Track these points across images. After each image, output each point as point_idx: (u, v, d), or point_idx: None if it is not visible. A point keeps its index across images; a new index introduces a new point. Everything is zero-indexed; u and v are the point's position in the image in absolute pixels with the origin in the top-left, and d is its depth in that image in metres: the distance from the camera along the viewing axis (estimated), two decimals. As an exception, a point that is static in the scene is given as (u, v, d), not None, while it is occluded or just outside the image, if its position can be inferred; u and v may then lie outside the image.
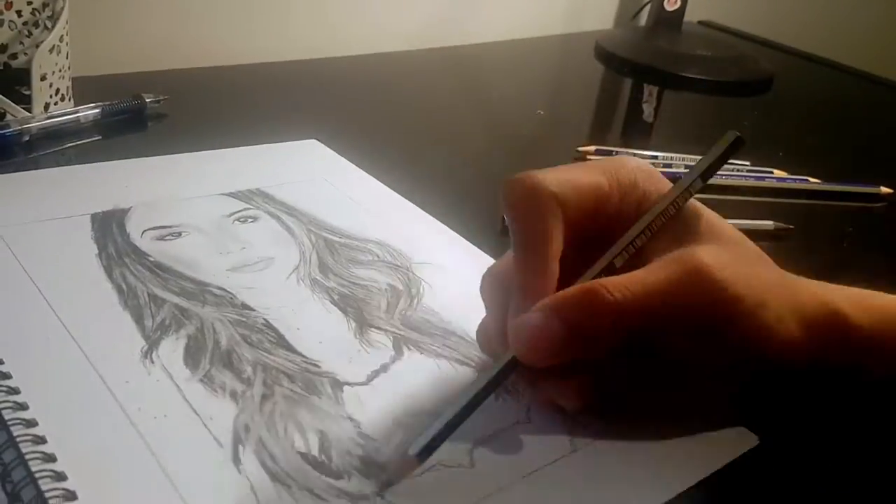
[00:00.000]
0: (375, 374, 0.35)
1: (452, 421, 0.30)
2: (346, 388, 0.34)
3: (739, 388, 0.34)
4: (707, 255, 0.31)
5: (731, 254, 0.32)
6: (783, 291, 0.33)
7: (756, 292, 0.31)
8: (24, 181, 0.48)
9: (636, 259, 0.33)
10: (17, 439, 0.29)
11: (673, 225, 0.33)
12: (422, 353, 0.37)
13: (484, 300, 0.35)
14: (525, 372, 0.32)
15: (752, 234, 0.53)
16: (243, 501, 0.28)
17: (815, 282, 0.35)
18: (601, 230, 0.34)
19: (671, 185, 0.35)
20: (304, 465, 0.30)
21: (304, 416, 0.32)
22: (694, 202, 0.35)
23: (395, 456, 0.30)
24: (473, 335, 0.38)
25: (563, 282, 0.32)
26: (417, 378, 0.36)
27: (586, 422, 0.34)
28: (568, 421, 0.34)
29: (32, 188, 0.47)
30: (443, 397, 0.35)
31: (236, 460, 0.30)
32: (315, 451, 0.31)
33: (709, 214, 0.34)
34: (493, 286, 0.35)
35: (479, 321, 0.36)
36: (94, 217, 0.44)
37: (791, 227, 0.55)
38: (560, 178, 0.32)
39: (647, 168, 0.35)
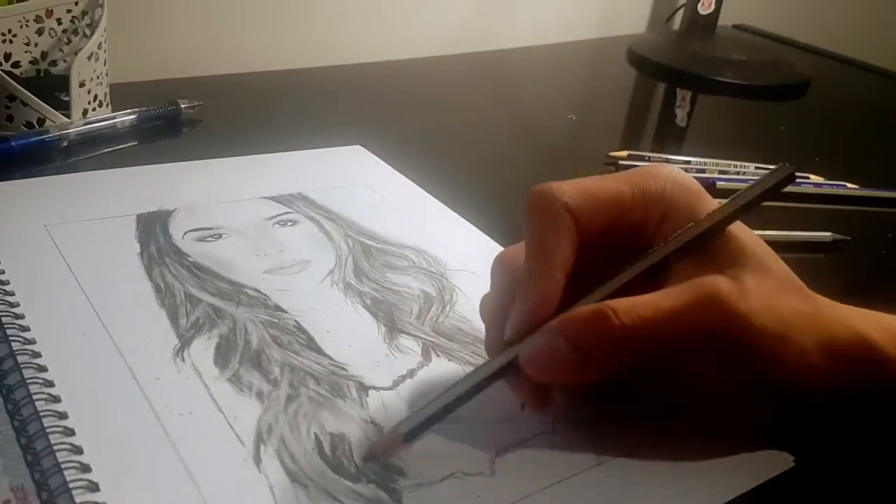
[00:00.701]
0: (402, 379, 0.35)
1: (443, 409, 0.30)
2: (371, 392, 0.34)
3: (774, 420, 0.33)
4: (727, 284, 0.30)
5: (756, 282, 0.31)
6: (809, 322, 0.31)
7: (778, 324, 0.30)
8: (74, 182, 0.49)
9: (659, 277, 0.32)
10: (48, 430, 0.30)
11: (700, 246, 0.32)
12: (450, 359, 0.37)
13: (491, 279, 0.35)
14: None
15: (806, 245, 0.53)
16: (261, 500, 0.28)
17: (850, 309, 0.33)
18: (623, 240, 0.33)
19: (704, 195, 0.33)
20: (324, 466, 0.30)
21: (327, 419, 0.32)
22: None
23: (387, 434, 0.31)
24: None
25: (580, 289, 0.32)
26: (444, 384, 0.35)
27: (613, 435, 0.33)
28: (594, 434, 0.33)
29: (81, 188, 0.48)
30: (468, 404, 0.34)
31: (257, 459, 0.30)
32: (335, 454, 0.31)
33: (742, 237, 0.33)
34: (500, 268, 0.35)
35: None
36: (139, 217, 0.45)
37: (848, 237, 0.53)
38: (577, 188, 0.32)
39: (680, 178, 0.33)
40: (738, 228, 0.33)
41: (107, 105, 0.58)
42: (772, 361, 0.31)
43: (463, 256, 0.46)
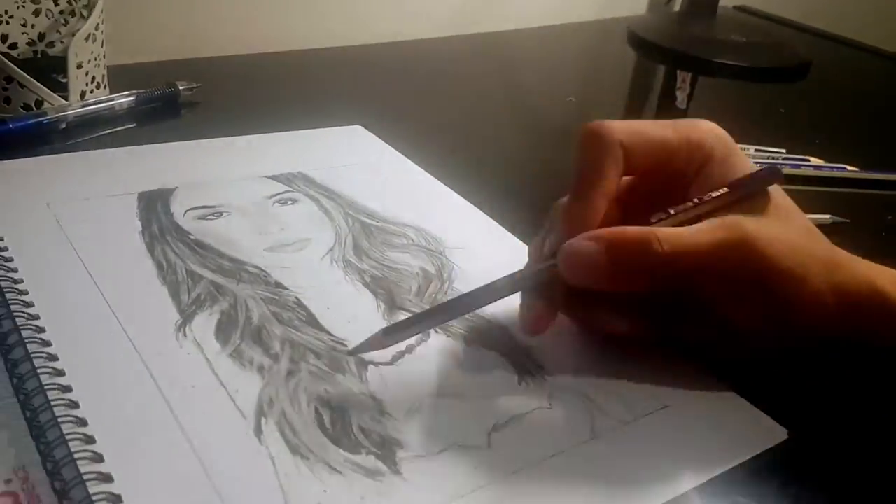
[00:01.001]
0: (401, 354, 0.36)
1: (425, 313, 0.35)
2: (370, 367, 0.35)
3: (778, 354, 0.37)
4: (754, 225, 0.33)
5: (779, 226, 0.34)
6: (826, 267, 0.34)
7: (797, 266, 0.33)
8: (75, 161, 0.49)
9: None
10: (53, 403, 0.30)
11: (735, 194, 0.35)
12: (448, 335, 0.38)
13: (547, 221, 0.38)
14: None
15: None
16: (262, 471, 0.29)
17: (864, 261, 0.36)
18: (666, 182, 0.36)
19: (738, 150, 0.37)
20: (324, 439, 0.31)
21: (327, 393, 0.33)
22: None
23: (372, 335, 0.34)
24: (500, 320, 0.39)
25: (622, 222, 0.35)
26: (442, 360, 0.36)
27: (608, 408, 0.34)
28: (590, 407, 0.34)
29: (82, 167, 0.48)
30: (466, 379, 0.35)
31: (258, 432, 0.31)
32: (335, 427, 0.31)
33: (771, 191, 0.36)
34: (554, 211, 0.38)
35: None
36: (140, 196, 0.46)
37: (847, 220, 0.54)
38: (629, 127, 0.35)
39: (719, 132, 0.37)
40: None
41: (104, 87, 0.58)
42: (790, 299, 0.34)
43: (462, 234, 0.46)
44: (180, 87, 0.60)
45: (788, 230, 0.35)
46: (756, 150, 0.63)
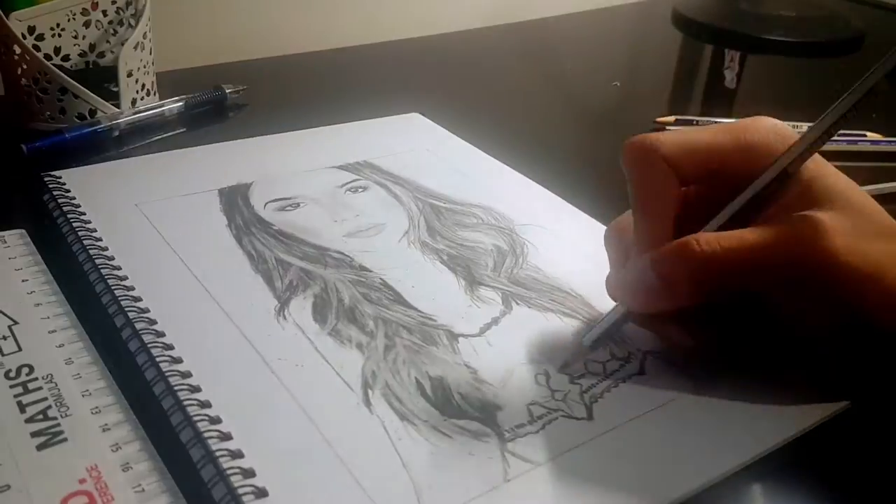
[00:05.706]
0: (487, 326, 0.38)
1: (614, 324, 0.36)
2: (461, 339, 0.37)
3: (852, 357, 0.34)
4: (811, 222, 0.31)
5: (844, 222, 0.31)
6: None
7: (866, 264, 0.31)
8: (154, 162, 0.52)
9: (753, 222, 0.33)
10: (175, 388, 0.33)
11: (790, 189, 0.33)
12: (530, 307, 0.40)
13: (607, 251, 0.37)
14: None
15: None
16: (377, 438, 0.31)
17: None
18: (727, 189, 0.33)
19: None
20: (429, 406, 0.33)
21: (424, 364, 0.35)
22: (818, 162, 0.33)
23: (573, 346, 0.36)
24: (578, 290, 0.41)
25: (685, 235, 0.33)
26: (527, 330, 0.38)
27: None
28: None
29: (161, 168, 0.50)
30: (552, 346, 0.37)
31: (367, 403, 0.33)
32: (437, 395, 0.33)
33: (830, 179, 0.33)
34: (613, 240, 0.37)
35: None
36: (220, 192, 0.48)
37: None
38: (675, 139, 0.33)
39: (783, 130, 0.34)
40: (827, 170, 0.33)
41: (154, 93, 0.60)
42: (864, 302, 0.31)
43: (528, 211, 0.48)
44: (227, 90, 0.61)
45: (856, 223, 0.31)
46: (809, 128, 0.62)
